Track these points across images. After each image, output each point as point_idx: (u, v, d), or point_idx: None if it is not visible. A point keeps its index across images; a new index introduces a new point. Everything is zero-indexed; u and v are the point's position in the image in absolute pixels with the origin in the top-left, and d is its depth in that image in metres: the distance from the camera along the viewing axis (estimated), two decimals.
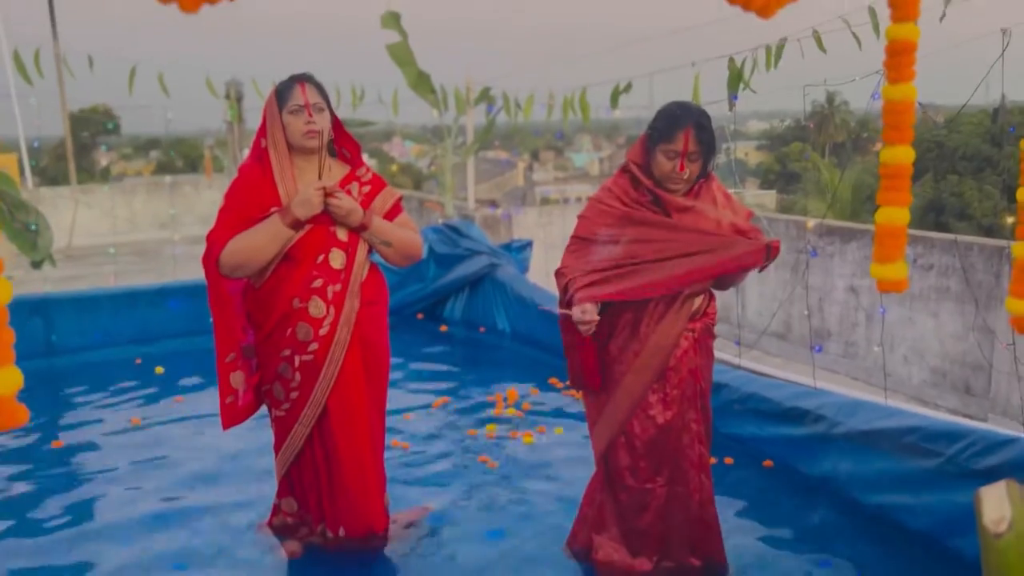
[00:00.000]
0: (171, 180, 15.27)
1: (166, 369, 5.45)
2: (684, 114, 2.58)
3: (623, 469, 2.76)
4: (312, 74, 2.87)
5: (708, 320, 2.79)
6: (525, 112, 6.97)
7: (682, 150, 2.56)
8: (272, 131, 2.81)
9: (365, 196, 2.89)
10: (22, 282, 9.14)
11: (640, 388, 2.70)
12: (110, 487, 3.75)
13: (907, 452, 3.18)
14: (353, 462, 2.90)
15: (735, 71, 4.45)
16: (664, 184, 2.65)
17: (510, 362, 5.62)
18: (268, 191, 2.78)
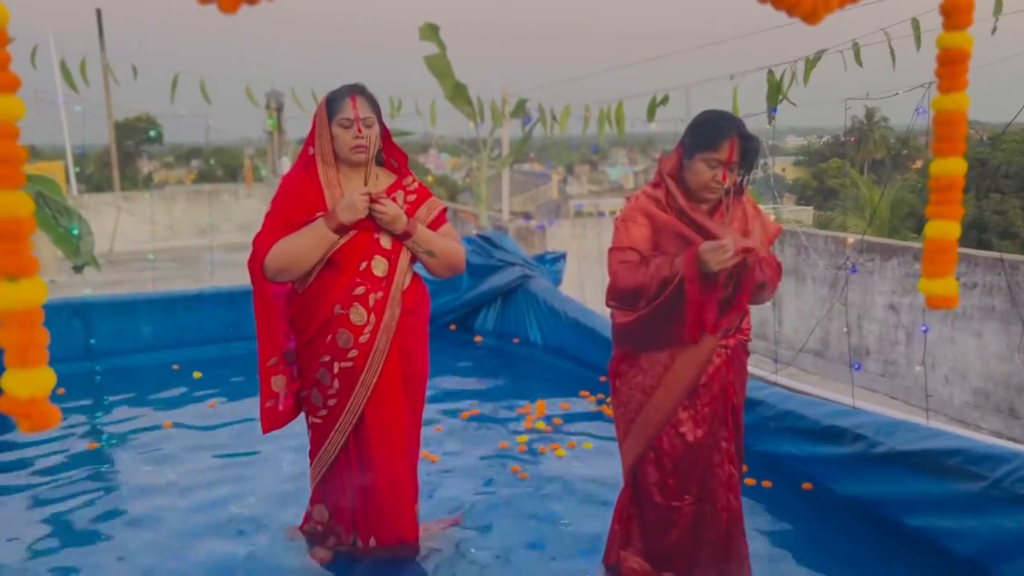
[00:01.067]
0: (210, 188, 15.48)
1: (203, 374, 5.51)
2: (729, 124, 2.56)
3: (651, 485, 2.72)
4: (364, 86, 2.87)
5: (742, 336, 2.74)
6: (561, 125, 6.96)
7: (726, 159, 2.52)
8: (320, 141, 2.82)
9: (410, 205, 2.89)
10: (64, 286, 9.34)
11: (671, 404, 2.65)
12: (140, 490, 3.78)
13: (949, 475, 3.09)
14: (387, 471, 2.89)
15: (774, 83, 4.39)
16: (699, 194, 2.61)
17: (542, 374, 5.58)
18: (314, 197, 2.79)
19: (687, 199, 2.63)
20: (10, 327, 1.10)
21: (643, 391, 2.67)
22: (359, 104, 2.78)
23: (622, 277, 2.60)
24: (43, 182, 6.19)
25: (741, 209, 2.68)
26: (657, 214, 2.63)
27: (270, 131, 12.64)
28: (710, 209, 2.66)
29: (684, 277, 2.49)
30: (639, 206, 2.67)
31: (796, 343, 6.71)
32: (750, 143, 2.56)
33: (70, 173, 15.80)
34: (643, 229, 2.62)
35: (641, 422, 2.69)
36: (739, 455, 2.80)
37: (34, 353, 1.10)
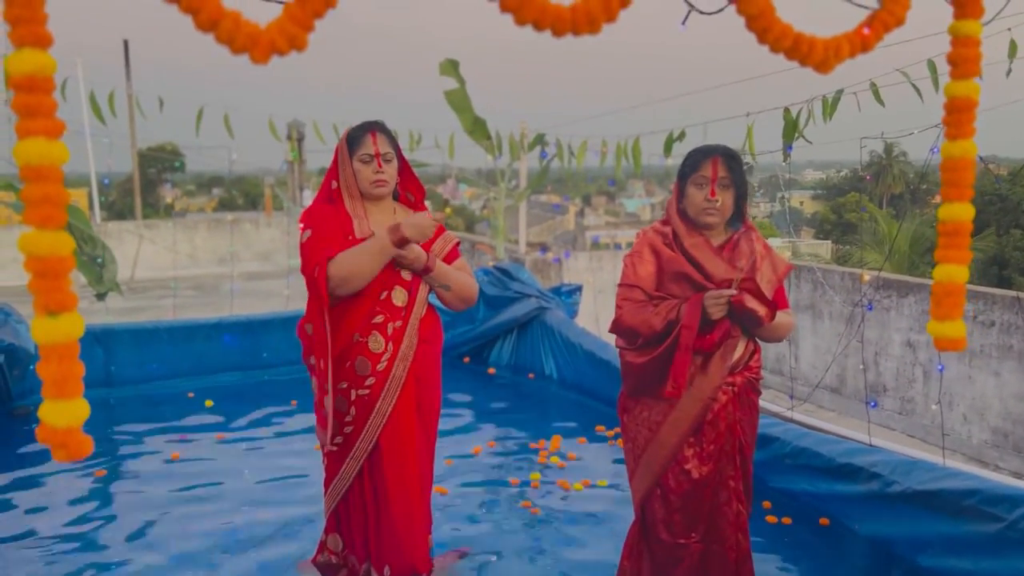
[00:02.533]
0: (232, 218, 15.68)
1: (215, 403, 5.55)
2: (710, 147, 2.67)
3: (658, 522, 2.72)
4: (383, 122, 2.95)
5: (751, 374, 2.74)
6: (578, 159, 7.03)
7: (711, 175, 2.59)
8: (344, 175, 2.91)
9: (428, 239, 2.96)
10: (86, 312, 9.44)
11: (676, 440, 2.66)
12: (148, 521, 3.80)
13: (966, 515, 3.07)
14: (402, 499, 2.91)
15: (790, 121, 4.44)
16: (698, 219, 2.66)
17: (557, 408, 5.58)
18: (345, 224, 2.86)
19: (692, 236, 2.68)
20: (49, 360, 1.15)
21: (649, 427, 2.69)
22: (379, 140, 2.86)
23: (626, 314, 2.66)
24: (69, 210, 6.33)
25: (750, 246, 2.71)
26: (663, 251, 2.68)
27: (291, 161, 12.81)
28: (719, 244, 2.70)
29: (682, 323, 2.55)
30: (647, 241, 2.73)
31: (813, 379, 6.68)
32: (734, 161, 2.63)
33: (94, 200, 16.07)
34: (649, 266, 2.68)
35: (648, 458, 2.70)
36: (748, 493, 2.80)
37: (71, 385, 1.14)
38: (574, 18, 1.33)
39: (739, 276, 2.58)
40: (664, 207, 2.89)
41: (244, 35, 1.20)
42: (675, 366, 2.57)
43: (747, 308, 2.58)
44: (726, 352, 2.66)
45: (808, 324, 7.36)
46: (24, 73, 1.11)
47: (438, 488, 3.98)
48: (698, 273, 2.63)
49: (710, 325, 2.59)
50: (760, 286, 2.62)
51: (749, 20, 1.44)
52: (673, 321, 2.57)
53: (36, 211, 1.12)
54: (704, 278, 2.63)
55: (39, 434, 1.16)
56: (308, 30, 1.24)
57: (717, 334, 2.62)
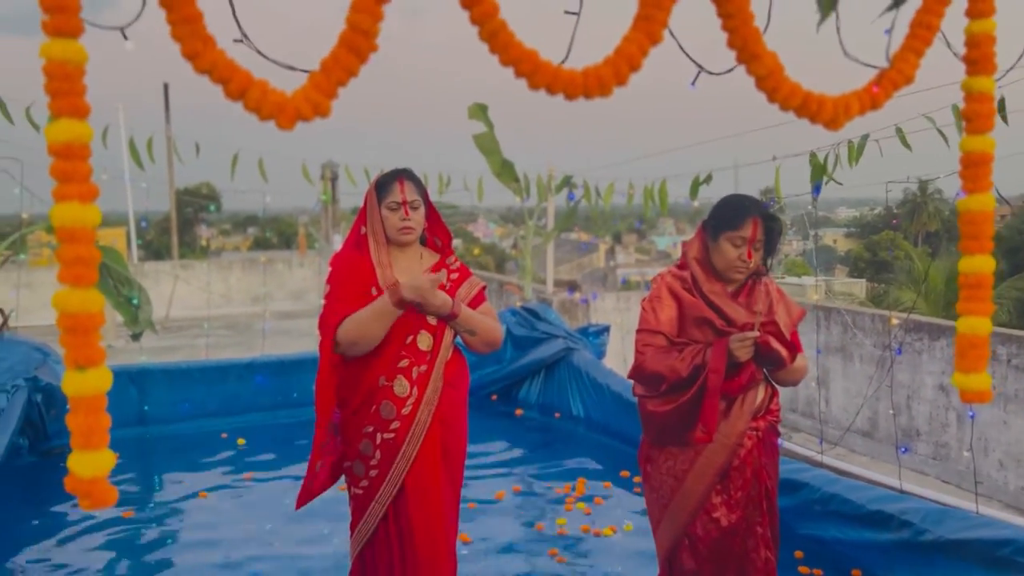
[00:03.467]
0: (265, 259, 15.94)
1: (246, 442, 5.62)
2: (750, 204, 2.65)
3: (687, 574, 2.69)
4: (411, 170, 3.02)
5: (771, 418, 2.75)
6: (605, 200, 7.08)
7: (750, 237, 2.59)
8: (371, 222, 2.96)
9: (453, 283, 3.01)
10: (122, 351, 9.64)
11: (703, 489, 2.64)
12: (175, 560, 3.85)
13: (1000, 566, 3.00)
14: (427, 542, 2.92)
15: (817, 165, 4.45)
16: (726, 274, 2.66)
17: (584, 450, 5.55)
18: (367, 276, 2.91)
19: (711, 282, 2.68)
20: (77, 412, 1.19)
21: (675, 477, 2.68)
22: (406, 188, 2.91)
23: (650, 360, 2.65)
24: (107, 252, 6.49)
25: (765, 292, 2.72)
26: (683, 295, 2.69)
27: (325, 202, 13.04)
28: (734, 291, 2.71)
29: (709, 368, 2.54)
30: (666, 285, 2.73)
31: (844, 422, 6.58)
32: (773, 223, 2.64)
33: (132, 240, 16.43)
34: (670, 311, 2.68)
35: (674, 508, 2.68)
36: (775, 539, 2.77)
37: (97, 437, 1.19)
38: (586, 83, 1.38)
39: (759, 318, 2.59)
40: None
41: (271, 103, 1.26)
42: (705, 411, 2.56)
43: (772, 349, 2.58)
44: (748, 397, 2.65)
45: (839, 367, 7.27)
46: (62, 141, 1.18)
47: (462, 535, 3.98)
48: (720, 319, 2.64)
49: (736, 368, 2.59)
50: (780, 327, 2.63)
51: (758, 80, 1.47)
52: (700, 366, 2.57)
53: (69, 271, 1.18)
54: (725, 323, 2.63)
55: (67, 483, 1.21)
56: (332, 98, 1.30)
57: (744, 377, 2.62)
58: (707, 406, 2.56)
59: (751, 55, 1.46)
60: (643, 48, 1.42)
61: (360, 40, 1.29)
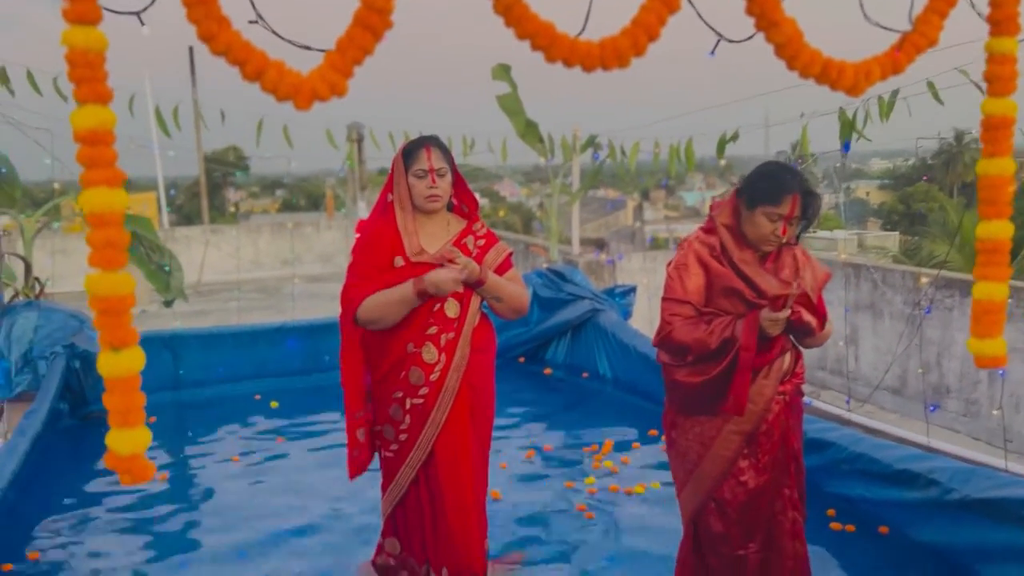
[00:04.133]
0: (293, 224, 16.05)
1: (280, 404, 5.73)
2: (791, 179, 2.56)
3: (715, 536, 2.71)
4: (437, 137, 3.02)
5: (797, 380, 2.74)
6: (630, 161, 7.02)
7: (787, 214, 2.54)
8: (398, 190, 2.98)
9: (480, 250, 3.03)
10: (155, 316, 9.81)
11: (730, 454, 2.65)
12: (210, 521, 3.96)
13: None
14: (457, 505, 2.98)
15: (846, 122, 4.38)
16: (757, 245, 2.63)
17: (611, 410, 5.60)
18: (393, 243, 2.94)
19: (741, 250, 2.64)
20: (113, 392, 1.24)
21: (701, 443, 2.68)
22: (433, 155, 2.91)
23: (678, 330, 2.62)
24: (138, 222, 6.61)
25: (791, 256, 2.69)
26: (711, 264, 2.64)
27: (350, 167, 13.07)
28: (760, 257, 2.67)
29: (741, 345, 2.52)
30: (694, 252, 2.67)
31: (873, 380, 6.54)
32: (812, 199, 2.58)
33: (162, 206, 16.63)
34: (698, 280, 2.64)
35: (700, 473, 2.69)
36: (802, 499, 2.79)
37: (134, 415, 1.24)
38: (603, 54, 1.37)
39: (795, 292, 2.54)
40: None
41: (288, 84, 1.28)
42: (735, 386, 2.56)
43: (804, 322, 2.58)
44: (775, 363, 2.65)
45: (868, 324, 7.21)
46: (87, 128, 1.20)
47: (492, 492, 4.05)
48: (749, 289, 2.61)
49: (768, 343, 2.58)
50: (810, 297, 2.60)
51: (777, 48, 1.46)
52: (728, 339, 2.54)
53: (99, 254, 1.22)
54: (755, 294, 2.60)
55: (107, 460, 1.26)
56: (348, 77, 1.31)
57: (775, 352, 2.61)
58: (738, 382, 2.55)
59: (770, 22, 1.44)
60: (661, 17, 1.41)
61: (375, 18, 1.29)
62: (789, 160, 7.65)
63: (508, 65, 6.84)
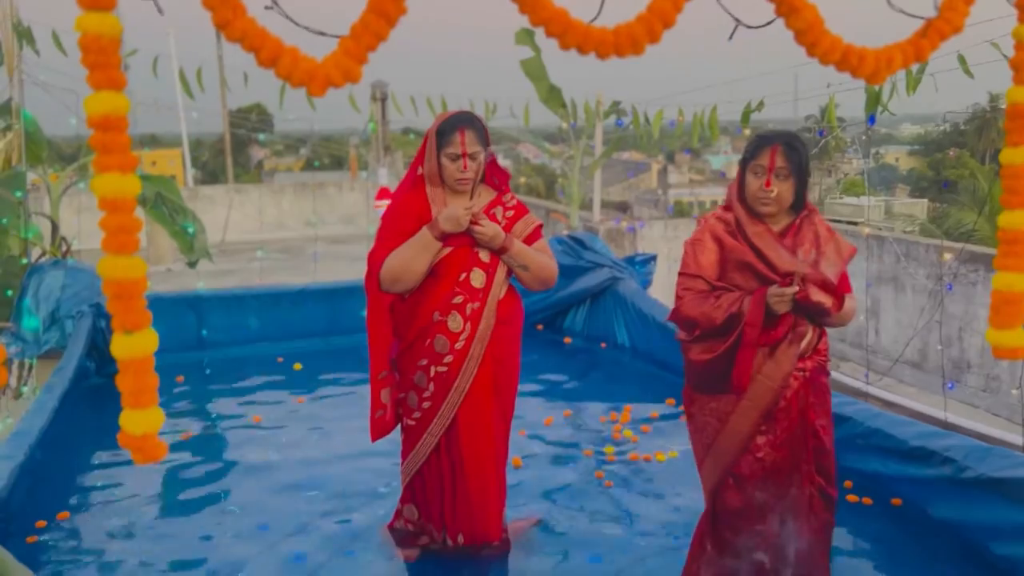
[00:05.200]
0: (315, 184, 16.08)
1: (303, 366, 5.80)
2: (773, 134, 2.63)
3: (732, 511, 2.73)
4: (473, 116, 3.01)
5: (820, 358, 2.73)
6: (654, 129, 6.95)
7: (768, 165, 2.56)
8: (429, 167, 2.99)
9: (508, 220, 3.04)
10: (180, 274, 9.93)
11: (747, 429, 2.66)
12: (232, 483, 4.04)
13: None
14: (477, 474, 3.03)
15: (872, 94, 4.30)
16: (754, 207, 2.64)
17: (630, 378, 5.62)
18: (422, 212, 2.96)
19: (754, 223, 2.65)
20: (126, 373, 1.27)
21: (718, 418, 2.69)
22: (467, 139, 2.90)
23: (687, 304, 2.66)
24: (162, 182, 6.66)
25: (813, 231, 2.68)
26: (726, 239, 2.67)
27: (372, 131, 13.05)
28: (781, 231, 2.67)
29: (746, 321, 2.54)
30: (709, 229, 2.71)
31: (894, 353, 6.49)
32: (793, 151, 2.56)
33: (187, 164, 16.73)
34: (711, 255, 2.67)
35: (718, 448, 2.71)
36: (826, 476, 2.77)
37: (146, 396, 1.26)
38: (617, 41, 1.36)
39: (801, 271, 2.55)
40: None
41: (302, 71, 1.28)
42: (739, 364, 2.58)
43: (812, 302, 2.56)
44: (794, 339, 2.63)
45: (890, 296, 7.13)
46: (100, 114, 1.21)
47: (513, 460, 4.09)
48: (761, 263, 2.61)
49: (774, 320, 2.58)
50: (825, 276, 2.59)
51: (797, 34, 1.43)
52: (735, 315, 2.56)
53: (112, 239, 1.23)
54: (768, 268, 2.61)
55: (120, 439, 1.29)
56: (362, 63, 1.31)
57: (781, 329, 2.61)
58: (741, 358, 2.57)
59: (790, 8, 1.42)
60: (676, 3, 1.39)
61: (389, 5, 1.28)
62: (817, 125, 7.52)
63: (532, 30, 6.76)
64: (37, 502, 3.61)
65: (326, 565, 3.22)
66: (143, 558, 3.30)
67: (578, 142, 8.01)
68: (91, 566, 3.26)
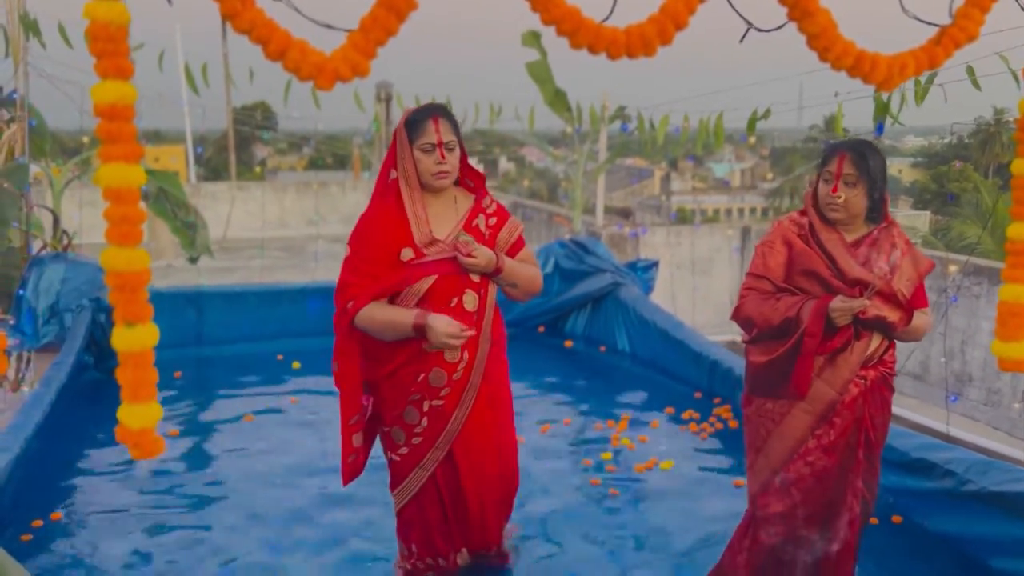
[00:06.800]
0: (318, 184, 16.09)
1: (301, 365, 5.79)
2: (844, 143, 2.63)
3: (773, 515, 2.70)
4: (444, 106, 2.79)
5: (884, 369, 2.68)
6: (659, 134, 6.94)
7: (836, 172, 2.57)
8: (403, 164, 2.72)
9: (491, 229, 2.81)
10: (181, 270, 9.91)
11: (800, 434, 2.64)
12: (222, 482, 4.02)
13: None
14: (478, 500, 2.89)
15: (880, 103, 4.29)
16: (825, 214, 2.65)
17: (628, 386, 5.57)
18: (399, 231, 2.69)
19: (827, 230, 2.65)
20: (126, 367, 1.25)
21: (772, 419, 2.68)
22: (441, 128, 2.66)
23: (747, 303, 2.69)
24: (164, 177, 6.65)
25: (890, 243, 2.65)
26: (795, 243, 2.66)
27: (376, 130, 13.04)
28: (856, 240, 2.65)
29: (806, 330, 2.54)
30: (781, 232, 2.71)
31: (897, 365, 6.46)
32: (864, 160, 2.55)
33: (190, 160, 16.73)
34: (779, 257, 2.68)
35: (769, 449, 2.69)
36: (872, 494, 2.76)
37: (145, 390, 1.25)
38: (628, 42, 1.34)
39: (874, 286, 2.54)
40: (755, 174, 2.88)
41: (310, 64, 1.26)
42: (798, 372, 2.58)
43: (878, 317, 2.56)
44: (857, 346, 2.60)
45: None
46: (107, 103, 1.20)
47: None
48: (829, 270, 2.61)
49: (833, 330, 2.57)
50: (896, 291, 2.58)
51: (810, 39, 1.42)
52: (791, 319, 2.57)
53: (116, 230, 1.22)
54: (835, 275, 2.60)
55: (117, 434, 1.27)
56: (370, 58, 1.30)
57: (839, 340, 2.58)
58: (800, 368, 2.57)
59: (803, 12, 1.41)
60: (690, 5, 1.37)
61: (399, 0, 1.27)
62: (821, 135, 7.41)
63: (538, 32, 6.76)
64: (33, 496, 3.60)
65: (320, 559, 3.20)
66: (139, 553, 3.28)
67: (582, 146, 8.01)
68: (85, 563, 3.24)
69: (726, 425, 4.62)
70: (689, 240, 8.24)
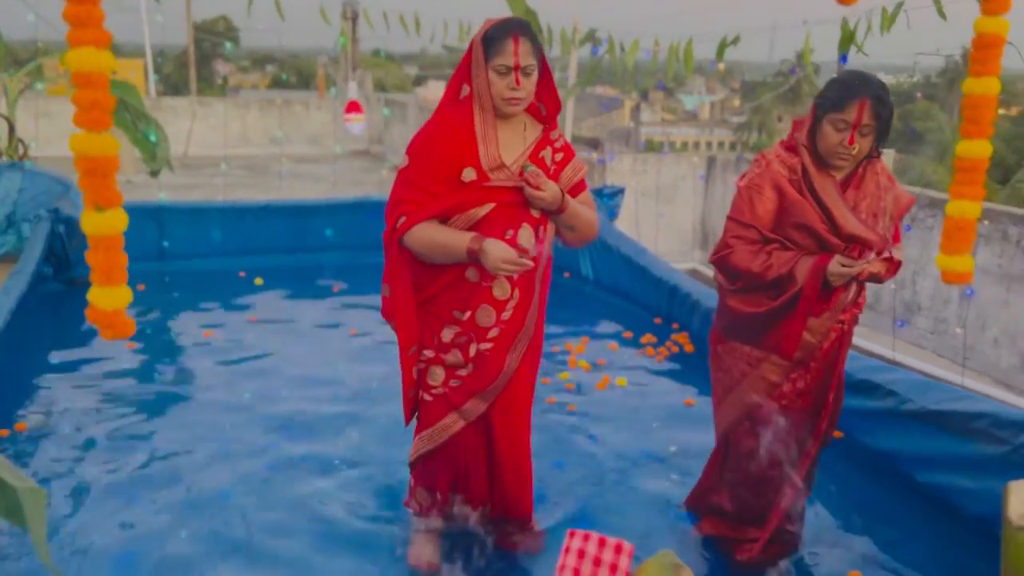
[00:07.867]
0: (282, 101, 15.72)
1: (264, 281, 5.79)
2: (862, 84, 2.38)
3: (743, 454, 2.70)
4: (528, 24, 2.49)
5: (856, 310, 2.64)
6: (628, 58, 6.89)
7: (854, 121, 2.36)
8: (477, 84, 2.46)
9: (557, 165, 2.57)
10: (141, 186, 9.73)
11: (776, 378, 2.59)
12: (181, 388, 4.10)
13: (974, 436, 3.14)
14: (511, 450, 2.67)
15: (847, 32, 4.31)
16: (828, 160, 2.47)
17: (590, 310, 5.66)
18: (466, 149, 2.45)
19: (822, 176, 2.49)
20: (97, 250, 1.27)
21: (748, 362, 2.63)
22: (521, 49, 2.39)
23: (736, 256, 2.53)
24: (124, 88, 6.48)
25: (874, 181, 2.54)
26: (787, 191, 2.49)
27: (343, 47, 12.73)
28: (844, 179, 2.52)
29: (802, 292, 2.44)
30: (770, 176, 2.52)
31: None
32: (882, 107, 2.37)
33: (149, 74, 16.23)
34: (768, 204, 2.51)
35: (741, 391, 2.64)
36: (833, 422, 2.77)
37: (116, 273, 1.27)
38: None
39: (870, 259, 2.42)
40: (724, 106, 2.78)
41: None
42: (788, 334, 2.50)
43: (869, 275, 2.48)
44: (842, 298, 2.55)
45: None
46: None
47: None
48: (824, 224, 2.47)
49: (828, 291, 2.48)
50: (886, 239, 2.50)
51: None
52: (784, 276, 2.46)
53: (86, 115, 1.22)
54: (829, 230, 2.47)
55: (88, 315, 1.30)
56: None
57: (832, 301, 2.51)
58: (791, 330, 2.49)
59: None
60: None
61: None
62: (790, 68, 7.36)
63: None
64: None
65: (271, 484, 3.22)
66: (104, 466, 3.27)
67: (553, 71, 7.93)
68: (54, 476, 3.22)
69: (681, 349, 4.74)
70: (656, 168, 8.26)
